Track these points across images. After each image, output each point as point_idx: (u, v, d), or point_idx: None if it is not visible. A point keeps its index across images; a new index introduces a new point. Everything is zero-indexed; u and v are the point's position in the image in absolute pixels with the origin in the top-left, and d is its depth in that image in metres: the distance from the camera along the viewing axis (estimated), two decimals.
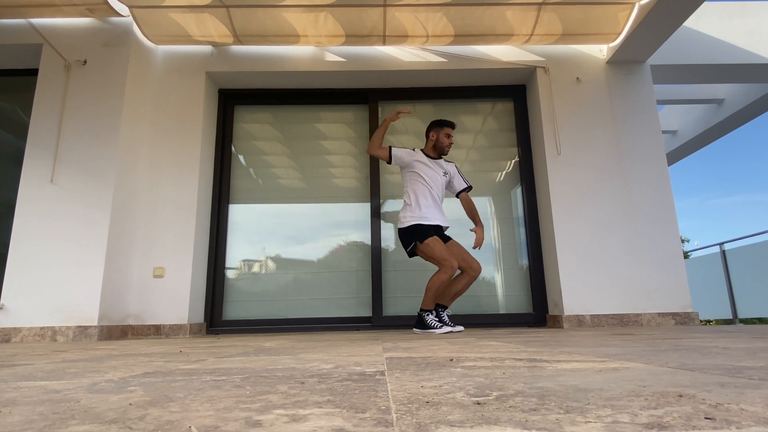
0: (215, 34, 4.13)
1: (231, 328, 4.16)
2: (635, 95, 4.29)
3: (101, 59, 3.88)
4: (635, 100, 4.27)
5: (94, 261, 3.44)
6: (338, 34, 4.13)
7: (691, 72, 4.60)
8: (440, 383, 0.90)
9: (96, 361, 1.58)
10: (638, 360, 1.23)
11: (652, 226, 3.99)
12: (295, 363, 1.36)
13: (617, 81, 4.32)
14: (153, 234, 3.91)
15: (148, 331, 3.74)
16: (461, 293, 3.43)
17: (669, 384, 0.83)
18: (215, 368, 1.27)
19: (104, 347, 2.42)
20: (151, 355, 1.82)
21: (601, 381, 0.88)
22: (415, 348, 1.85)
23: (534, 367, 1.13)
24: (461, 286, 3.38)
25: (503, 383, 0.88)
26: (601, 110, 4.24)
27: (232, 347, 2.19)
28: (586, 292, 3.86)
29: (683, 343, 1.81)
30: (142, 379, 1.09)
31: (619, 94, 4.28)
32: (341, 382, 0.96)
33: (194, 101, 4.22)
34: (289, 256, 4.39)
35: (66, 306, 3.36)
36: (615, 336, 2.39)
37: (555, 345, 1.85)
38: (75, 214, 3.52)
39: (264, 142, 4.64)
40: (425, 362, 1.30)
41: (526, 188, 4.41)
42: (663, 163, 4.14)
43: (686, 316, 3.81)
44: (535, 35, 4.16)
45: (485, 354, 1.51)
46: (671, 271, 3.91)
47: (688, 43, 4.47)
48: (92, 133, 3.69)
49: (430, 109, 4.71)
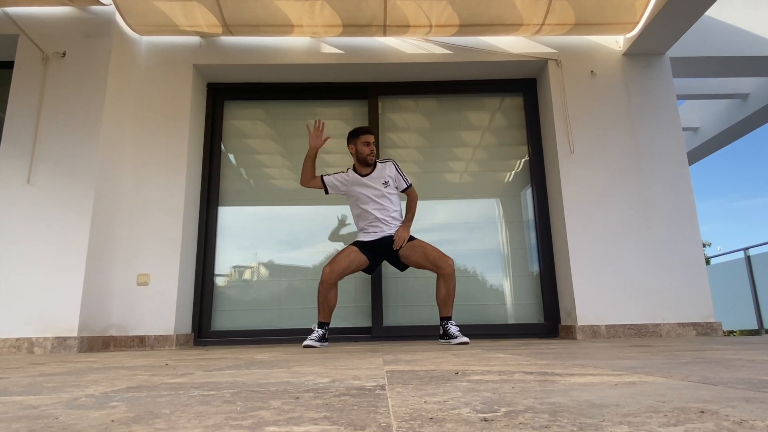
0: (203, 24, 4.14)
1: (220, 339, 4.16)
2: (654, 90, 4.29)
3: (81, 51, 3.89)
4: (654, 95, 4.28)
5: (74, 267, 3.44)
6: (335, 24, 4.14)
7: (713, 65, 4.60)
8: (445, 398, 0.91)
9: (76, 375, 1.58)
10: (657, 373, 1.23)
11: (671, 230, 3.99)
12: (289, 377, 1.36)
13: (634, 74, 4.32)
14: (137, 238, 3.92)
15: (131, 343, 3.74)
16: (451, 297, 3.38)
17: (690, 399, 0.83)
18: (204, 382, 1.27)
19: (85, 360, 2.42)
20: (135, 368, 1.82)
21: (617, 396, 0.88)
22: (417, 360, 1.85)
23: (545, 381, 1.13)
24: (442, 290, 3.37)
25: (512, 398, 0.88)
26: (617, 106, 4.25)
27: (221, 360, 2.18)
28: (601, 300, 3.86)
29: (705, 355, 1.81)
30: (126, 393, 1.09)
31: (637, 89, 4.29)
32: (339, 397, 0.96)
33: (181, 96, 4.22)
34: (283, 262, 4.39)
35: (43, 316, 3.36)
36: (632, 348, 2.39)
37: (568, 357, 1.85)
38: (53, 217, 3.52)
39: (256, 140, 4.65)
40: (428, 376, 1.30)
41: (537, 189, 4.42)
42: (683, 162, 4.14)
43: (708, 327, 3.80)
44: (546, 25, 4.17)
45: (493, 367, 1.51)
46: (692, 278, 3.91)
47: (710, 34, 4.47)
48: (72, 131, 3.69)
49: (434, 104, 4.72)
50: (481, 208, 4.55)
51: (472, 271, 4.37)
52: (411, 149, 4.64)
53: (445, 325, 3.36)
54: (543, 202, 4.39)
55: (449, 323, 3.36)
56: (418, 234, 3.63)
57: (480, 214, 4.51)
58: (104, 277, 3.69)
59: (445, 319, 3.38)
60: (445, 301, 3.37)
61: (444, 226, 4.48)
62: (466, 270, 4.37)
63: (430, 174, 4.56)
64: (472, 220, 4.49)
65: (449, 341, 3.29)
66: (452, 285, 3.37)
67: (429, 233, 4.43)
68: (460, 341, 3.23)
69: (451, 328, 3.33)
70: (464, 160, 4.60)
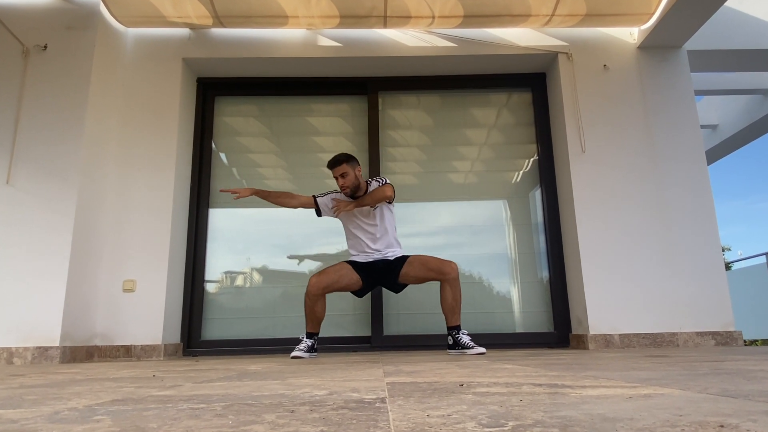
0: (193, 15, 4.15)
1: (211, 349, 4.16)
2: (670, 85, 4.30)
3: (64, 44, 3.89)
4: (670, 91, 4.28)
5: (56, 273, 3.44)
6: (333, 15, 4.14)
7: (733, 58, 4.61)
8: (449, 412, 0.91)
9: (58, 387, 1.58)
10: (674, 385, 1.23)
11: (689, 234, 3.99)
12: (283, 389, 1.36)
13: (650, 69, 4.33)
14: (123, 242, 3.92)
15: (117, 353, 3.74)
16: (458, 304, 3.37)
17: (709, 413, 0.83)
18: (193, 395, 1.27)
19: (67, 371, 2.42)
20: (121, 379, 1.82)
21: (631, 409, 0.88)
22: (420, 372, 1.85)
23: (555, 393, 1.13)
24: (448, 297, 3.35)
25: (520, 412, 0.88)
26: (631, 102, 4.25)
27: (212, 371, 2.18)
28: (614, 308, 3.85)
29: (725, 366, 1.81)
30: (110, 407, 1.09)
31: (652, 84, 4.30)
32: (336, 410, 0.96)
33: (169, 92, 4.23)
34: (278, 267, 4.40)
35: (24, 324, 3.36)
36: (647, 358, 2.39)
37: (579, 368, 1.85)
38: (34, 220, 3.52)
39: (248, 138, 4.65)
40: (432, 388, 1.30)
41: (546, 190, 4.42)
42: (702, 161, 4.15)
43: (728, 336, 3.80)
44: (556, 16, 4.18)
45: (500, 378, 1.51)
46: (711, 285, 3.91)
47: (730, 26, 4.48)
48: (54, 128, 3.70)
49: (438, 100, 4.73)
50: (487, 210, 4.55)
51: (478, 277, 4.37)
52: (412, 148, 4.64)
53: (456, 335, 3.32)
54: (553, 204, 4.39)
55: (460, 332, 3.32)
56: (420, 237, 3.64)
57: (486, 217, 4.51)
58: (88, 283, 3.70)
59: (455, 328, 3.33)
60: (453, 308, 3.35)
61: (448, 229, 4.48)
62: (472, 276, 4.37)
63: (433, 174, 4.57)
64: (477, 223, 4.49)
65: (464, 352, 3.22)
66: (458, 290, 3.36)
67: (432, 237, 4.43)
68: (477, 352, 3.17)
69: (464, 338, 3.28)
70: (469, 159, 4.60)
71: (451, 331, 3.34)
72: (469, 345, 3.24)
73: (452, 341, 3.34)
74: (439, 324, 4.08)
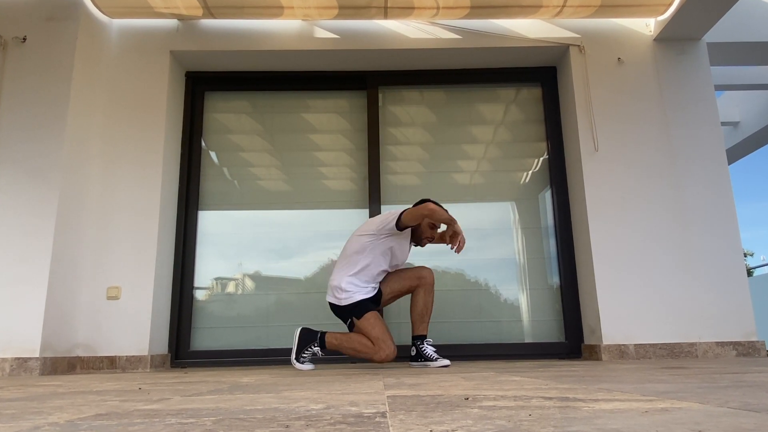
0: (182, 5, 4.16)
1: (201, 360, 4.15)
2: (689, 79, 4.30)
3: (44, 36, 3.90)
4: (689, 85, 4.29)
5: (36, 279, 3.44)
6: (330, 6, 4.15)
7: (756, 51, 4.61)
8: (453, 427, 0.91)
9: (38, 401, 1.58)
10: (692, 399, 1.23)
11: (708, 237, 3.99)
12: (277, 402, 1.36)
13: (667, 62, 4.34)
14: (107, 247, 3.92)
15: (100, 364, 3.73)
16: (428, 312, 3.40)
17: (729, 428, 0.83)
18: (182, 409, 1.27)
19: (48, 383, 2.42)
20: (105, 392, 1.83)
21: (647, 424, 0.88)
22: (422, 384, 1.86)
23: (566, 407, 1.14)
24: (420, 303, 3.38)
25: (529, 427, 0.89)
26: (647, 97, 4.26)
27: (202, 383, 2.19)
28: (629, 316, 3.85)
29: (746, 378, 1.81)
30: (93, 422, 1.09)
31: (670, 78, 4.30)
32: (334, 425, 0.96)
33: (156, 86, 4.24)
34: (272, 273, 4.40)
35: (1, 334, 3.36)
36: (664, 370, 2.39)
37: (592, 381, 1.85)
38: (12, 222, 3.53)
39: (241, 136, 4.66)
40: (435, 401, 1.30)
41: (557, 191, 4.42)
42: (722, 161, 4.15)
43: (750, 346, 3.80)
44: (568, 6, 4.18)
45: (507, 391, 1.52)
46: (732, 292, 3.91)
47: (753, 17, 4.48)
48: (33, 125, 3.70)
49: (441, 95, 4.74)
50: (493, 212, 4.55)
51: (484, 284, 4.37)
52: (415, 146, 4.64)
53: (420, 345, 3.34)
54: (564, 206, 4.39)
55: (425, 342, 3.35)
56: None
57: (493, 220, 4.51)
58: (70, 290, 3.69)
59: (420, 338, 3.36)
60: (422, 315, 3.37)
61: None
62: (477, 282, 4.37)
63: (437, 174, 4.57)
64: (484, 226, 4.49)
65: (426, 364, 3.27)
66: (432, 298, 3.41)
67: None
68: (441, 364, 3.22)
69: (428, 349, 3.32)
70: (475, 158, 4.61)
71: (416, 341, 3.36)
72: (433, 357, 3.27)
73: (415, 352, 3.36)
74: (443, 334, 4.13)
